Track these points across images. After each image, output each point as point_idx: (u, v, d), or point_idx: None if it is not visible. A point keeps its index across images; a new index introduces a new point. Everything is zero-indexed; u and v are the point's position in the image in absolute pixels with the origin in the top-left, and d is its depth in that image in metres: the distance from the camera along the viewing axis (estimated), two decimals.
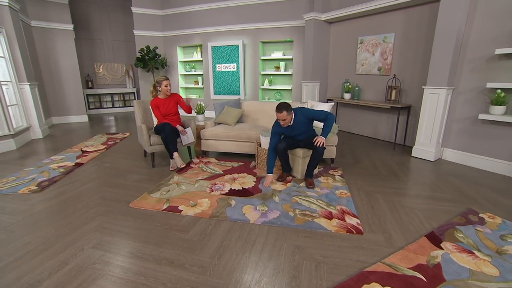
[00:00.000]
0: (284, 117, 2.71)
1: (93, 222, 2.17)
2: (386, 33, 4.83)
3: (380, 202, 2.57)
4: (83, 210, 2.36)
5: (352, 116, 5.72)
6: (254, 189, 2.80)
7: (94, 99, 8.77)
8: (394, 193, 2.77)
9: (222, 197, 2.60)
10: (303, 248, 1.86)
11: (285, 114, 2.70)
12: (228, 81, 7.25)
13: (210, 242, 1.91)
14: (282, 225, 2.13)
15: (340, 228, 2.08)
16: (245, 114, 4.29)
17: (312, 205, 2.45)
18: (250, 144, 3.74)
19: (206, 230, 2.07)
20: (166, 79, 3.40)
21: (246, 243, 1.91)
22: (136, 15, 7.53)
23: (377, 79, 5.09)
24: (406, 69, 4.56)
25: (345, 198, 2.62)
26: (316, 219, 2.21)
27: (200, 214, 2.29)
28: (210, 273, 1.61)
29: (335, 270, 1.64)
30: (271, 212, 2.33)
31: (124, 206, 2.44)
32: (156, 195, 2.64)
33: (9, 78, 4.79)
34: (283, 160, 3.05)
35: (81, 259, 1.72)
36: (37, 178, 3.08)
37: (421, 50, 4.27)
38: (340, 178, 3.13)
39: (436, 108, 3.73)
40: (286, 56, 6.63)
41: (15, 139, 4.47)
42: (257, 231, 2.06)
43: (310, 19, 5.60)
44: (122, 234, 2.01)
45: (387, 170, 3.44)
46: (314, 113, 2.87)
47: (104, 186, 2.90)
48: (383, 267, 1.63)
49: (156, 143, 3.41)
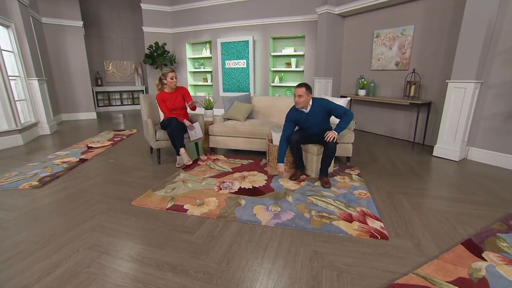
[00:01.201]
0: (302, 92, 2.57)
1: (92, 221, 2.01)
2: (405, 25, 4.55)
3: (404, 203, 2.33)
4: (83, 208, 2.22)
5: (366, 114, 5.45)
6: (265, 188, 2.60)
7: (103, 97, 8.76)
8: (419, 194, 2.51)
9: (231, 196, 2.42)
10: (322, 254, 1.64)
11: (303, 90, 2.57)
12: (237, 78, 7.07)
13: (217, 246, 1.72)
14: (297, 227, 1.92)
15: (362, 232, 1.86)
16: (255, 110, 4.10)
17: (330, 206, 2.23)
18: (261, 141, 3.54)
19: (213, 232, 1.88)
20: (172, 71, 3.25)
21: (258, 247, 1.71)
22: (145, 11, 7.45)
23: (394, 75, 4.81)
24: (427, 63, 4.26)
25: (365, 199, 2.39)
26: (334, 222, 1.99)
27: (207, 214, 2.11)
28: (217, 281, 1.42)
29: (360, 281, 1.42)
30: (284, 213, 2.12)
31: (126, 204, 2.28)
32: (161, 193, 2.48)
33: (17, 73, 4.76)
34: (295, 154, 2.85)
35: (75, 261, 1.56)
36: (40, 174, 2.97)
37: (444, 43, 3.98)
38: (357, 178, 2.89)
39: (461, 103, 3.44)
40: (297, 52, 6.41)
41: (22, 134, 4.42)
42: (269, 234, 1.86)
43: (323, 12, 5.36)
44: (122, 234, 1.84)
45: (408, 170, 3.18)
46: (333, 106, 2.66)
47: (107, 183, 2.76)
48: (417, 279, 1.41)
49: (162, 139, 3.26)
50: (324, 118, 2.75)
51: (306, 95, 2.60)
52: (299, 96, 2.60)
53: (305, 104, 2.67)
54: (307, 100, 2.64)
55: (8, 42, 4.59)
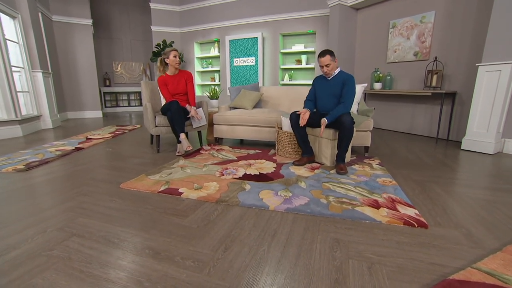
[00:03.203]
0: (328, 60, 2.37)
1: (71, 202, 1.73)
2: (424, 12, 4.23)
3: (439, 192, 1.95)
4: (65, 190, 1.94)
5: (383, 109, 5.07)
6: (274, 175, 2.27)
7: (110, 97, 8.71)
8: (454, 184, 2.13)
9: (235, 181, 2.10)
10: (345, 242, 1.29)
11: (328, 58, 2.37)
12: (246, 76, 6.85)
13: (214, 231, 1.39)
14: (313, 213, 1.58)
15: (394, 219, 1.49)
16: (264, 100, 3.81)
17: (350, 192, 1.88)
18: (270, 130, 3.23)
19: (211, 216, 1.56)
20: (174, 49, 3.01)
21: (264, 233, 1.38)
22: (154, 11, 7.41)
23: (413, 66, 4.46)
24: (450, 51, 3.90)
25: (391, 186, 2.02)
26: (357, 208, 1.63)
27: (204, 197, 1.79)
28: (210, 270, 1.09)
29: (400, 275, 1.07)
30: (296, 198, 1.78)
31: (114, 187, 1.99)
32: (155, 177, 2.18)
33: (22, 65, 4.66)
34: (298, 136, 2.55)
35: (37, 243, 1.26)
36: (29, 159, 2.74)
37: (470, 25, 3.62)
38: (378, 167, 2.53)
39: (496, 89, 3.05)
40: (308, 48, 6.14)
41: (22, 126, 4.26)
42: (278, 219, 1.52)
43: (335, 4, 5.11)
44: (101, 216, 1.54)
45: (435, 162, 2.79)
46: (350, 88, 2.41)
47: (99, 168, 2.49)
48: (480, 275, 1.04)
49: (162, 124, 2.99)
50: (339, 92, 2.48)
51: (332, 62, 2.40)
52: (326, 66, 2.40)
53: (333, 69, 2.47)
54: (334, 67, 2.46)
55: (14, 33, 4.52)
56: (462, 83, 3.77)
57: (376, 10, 4.98)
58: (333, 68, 2.45)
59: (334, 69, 2.47)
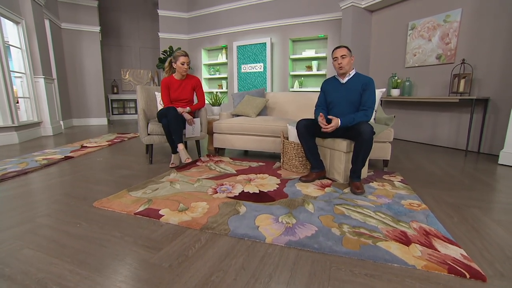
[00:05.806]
0: (344, 52, 2.10)
1: (27, 225, 1.43)
2: (449, 10, 3.84)
3: (485, 221, 1.54)
4: (28, 208, 1.66)
5: (401, 118, 4.64)
6: (276, 194, 1.91)
7: (118, 105, 8.65)
8: (504, 209, 1.70)
9: (228, 201, 1.76)
10: None
11: (345, 50, 2.11)
12: (253, 83, 6.58)
13: (189, 274, 1.05)
14: (322, 250, 1.21)
15: (433, 263, 1.11)
16: (269, 106, 3.49)
17: (369, 220, 1.50)
18: (275, 140, 2.89)
19: (190, 249, 1.22)
20: (184, 55, 2.71)
21: (255, 280, 1.02)
22: (162, 17, 7.34)
23: (435, 70, 4.05)
24: (480, 52, 3.48)
25: (421, 211, 1.62)
26: (380, 243, 1.25)
27: (187, 223, 1.46)
28: None
29: None
30: (301, 227, 1.42)
31: (86, 206, 1.69)
32: (137, 194, 1.88)
33: (23, 70, 4.57)
34: (305, 147, 2.20)
35: None
36: (9, 169, 2.50)
37: (504, 24, 3.21)
38: (401, 185, 2.13)
39: None
40: (319, 54, 5.83)
41: (19, 132, 4.11)
42: (276, 258, 1.16)
43: (348, 6, 4.80)
44: (54, 247, 1.23)
45: (469, 179, 2.36)
46: (371, 92, 2.08)
47: (79, 181, 2.21)
48: None
49: (155, 132, 2.71)
50: (357, 98, 2.11)
51: (349, 56, 2.13)
52: (342, 57, 2.10)
53: (349, 69, 2.16)
54: (350, 63, 2.15)
55: (16, 38, 4.45)
56: (496, 88, 3.32)
57: (393, 11, 4.63)
58: (349, 63, 2.13)
59: (349, 66, 2.14)
